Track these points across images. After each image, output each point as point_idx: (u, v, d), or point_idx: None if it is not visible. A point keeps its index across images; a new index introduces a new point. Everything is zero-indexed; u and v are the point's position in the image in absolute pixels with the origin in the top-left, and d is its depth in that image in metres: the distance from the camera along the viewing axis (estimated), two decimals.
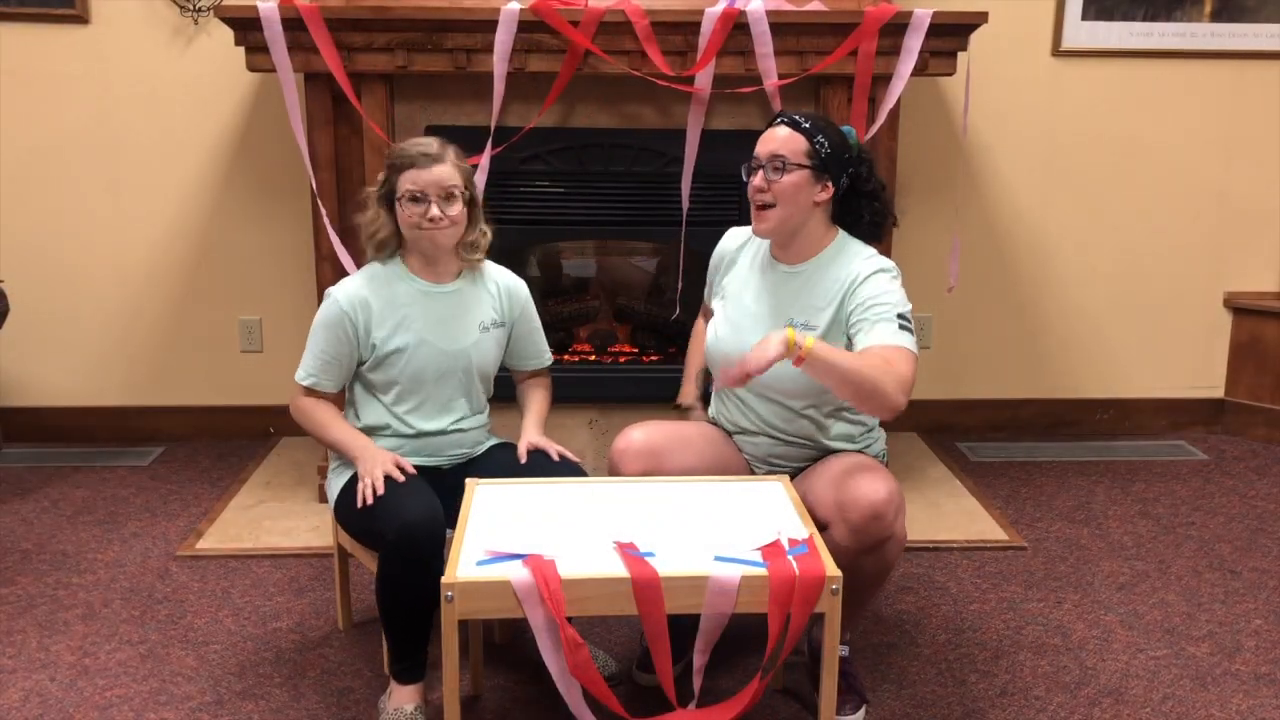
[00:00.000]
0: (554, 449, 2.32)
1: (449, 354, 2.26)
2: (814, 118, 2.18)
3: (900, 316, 2.09)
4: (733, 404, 2.31)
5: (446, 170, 2.20)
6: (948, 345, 3.84)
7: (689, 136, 3.05)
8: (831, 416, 2.23)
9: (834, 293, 2.16)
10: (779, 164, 2.13)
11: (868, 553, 2.04)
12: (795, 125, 2.15)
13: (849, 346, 2.11)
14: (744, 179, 2.20)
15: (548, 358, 2.50)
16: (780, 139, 2.14)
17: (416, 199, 2.18)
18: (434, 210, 2.18)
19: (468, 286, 2.32)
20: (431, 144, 2.22)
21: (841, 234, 2.23)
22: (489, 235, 2.32)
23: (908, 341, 2.06)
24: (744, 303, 2.26)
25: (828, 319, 2.15)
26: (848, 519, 2.02)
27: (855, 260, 2.18)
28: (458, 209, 2.21)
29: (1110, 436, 3.90)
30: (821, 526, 2.06)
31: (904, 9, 2.96)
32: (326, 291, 2.26)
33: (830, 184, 2.16)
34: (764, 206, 2.16)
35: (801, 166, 2.13)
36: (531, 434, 2.37)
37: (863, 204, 2.21)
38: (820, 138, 2.14)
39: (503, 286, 2.38)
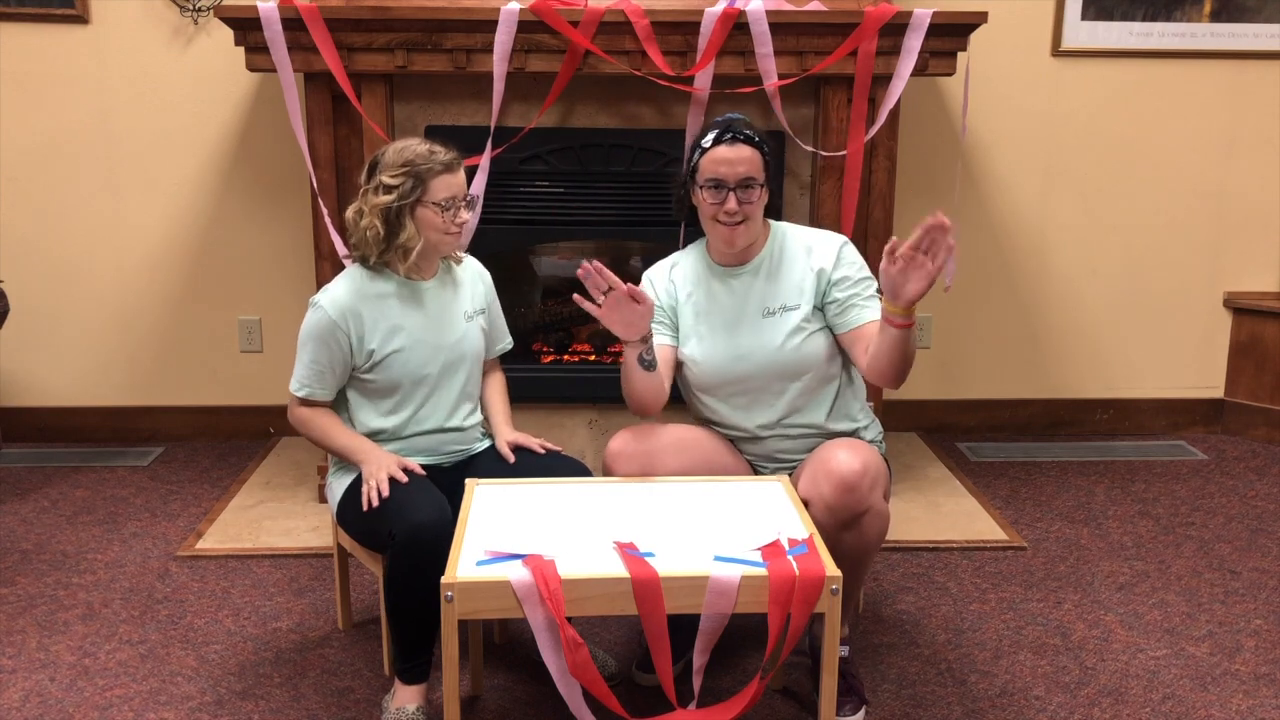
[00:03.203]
0: (535, 443, 2.34)
1: (444, 348, 2.27)
2: (750, 125, 2.22)
3: (878, 290, 2.17)
4: (727, 427, 2.32)
5: (463, 175, 2.23)
6: (948, 345, 3.84)
7: (689, 137, 3.05)
8: (822, 390, 2.27)
9: (802, 274, 2.25)
10: (751, 183, 2.17)
11: (846, 528, 2.06)
12: (751, 141, 2.19)
13: (836, 322, 2.23)
14: (701, 196, 2.20)
15: (510, 340, 2.53)
16: (749, 159, 2.18)
17: (449, 205, 2.18)
18: (464, 214, 2.21)
19: (447, 279, 2.33)
20: (447, 148, 2.22)
21: (770, 221, 2.32)
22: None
23: None
24: (712, 317, 2.29)
25: (809, 298, 2.24)
26: (822, 493, 2.05)
27: (808, 242, 2.28)
28: (470, 213, 2.25)
29: (1110, 436, 3.90)
30: (804, 506, 2.08)
31: (904, 9, 2.97)
32: (311, 300, 2.23)
33: (770, 183, 2.24)
34: (736, 223, 2.19)
35: (764, 182, 2.20)
36: (508, 433, 2.38)
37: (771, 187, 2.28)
38: (765, 146, 2.21)
39: (474, 273, 2.41)
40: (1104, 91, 3.67)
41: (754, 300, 2.26)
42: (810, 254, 2.26)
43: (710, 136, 2.21)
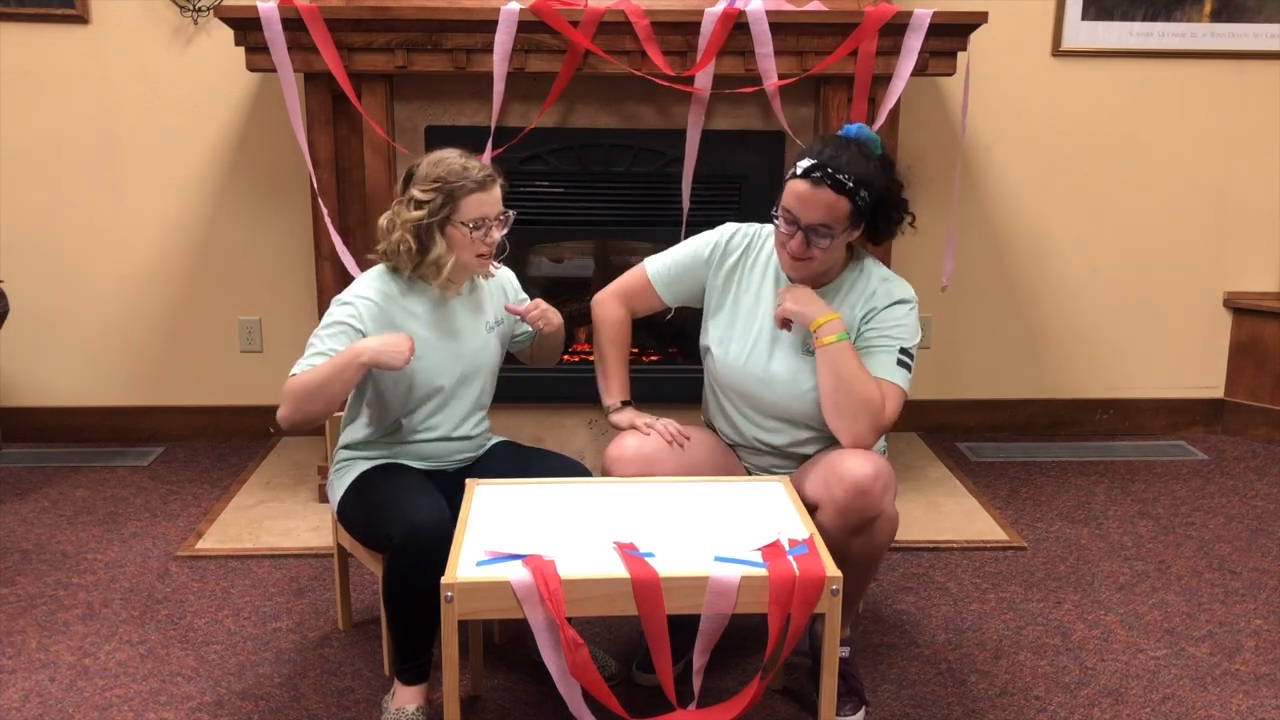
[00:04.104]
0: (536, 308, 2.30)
1: (462, 357, 2.25)
2: (850, 163, 2.03)
3: (903, 351, 2.12)
4: (729, 425, 2.32)
5: (498, 192, 2.17)
6: (948, 345, 3.84)
7: (689, 136, 3.05)
8: (825, 442, 2.23)
9: (852, 319, 2.16)
10: (824, 232, 2.05)
11: (856, 533, 2.05)
12: (841, 188, 2.02)
13: None
14: (773, 221, 2.12)
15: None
16: (826, 206, 2.03)
17: (479, 225, 2.14)
18: (495, 234, 2.15)
19: (475, 286, 2.31)
20: (483, 164, 2.17)
21: (856, 252, 2.22)
22: (506, 248, 2.31)
23: (902, 378, 2.12)
24: (758, 321, 2.22)
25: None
26: (834, 497, 2.03)
27: (876, 287, 2.18)
28: (503, 232, 2.19)
29: (1110, 436, 3.90)
30: (812, 509, 2.08)
31: (904, 9, 2.97)
32: (337, 299, 2.20)
33: (864, 223, 2.11)
34: (804, 259, 2.09)
35: (845, 228, 2.07)
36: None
37: (883, 213, 2.12)
38: (863, 192, 2.04)
39: (501, 281, 2.39)
40: (1104, 91, 3.67)
41: (803, 328, 2.16)
42: (870, 298, 2.16)
43: (803, 164, 2.05)
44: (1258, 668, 2.39)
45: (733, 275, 2.28)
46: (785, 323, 2.15)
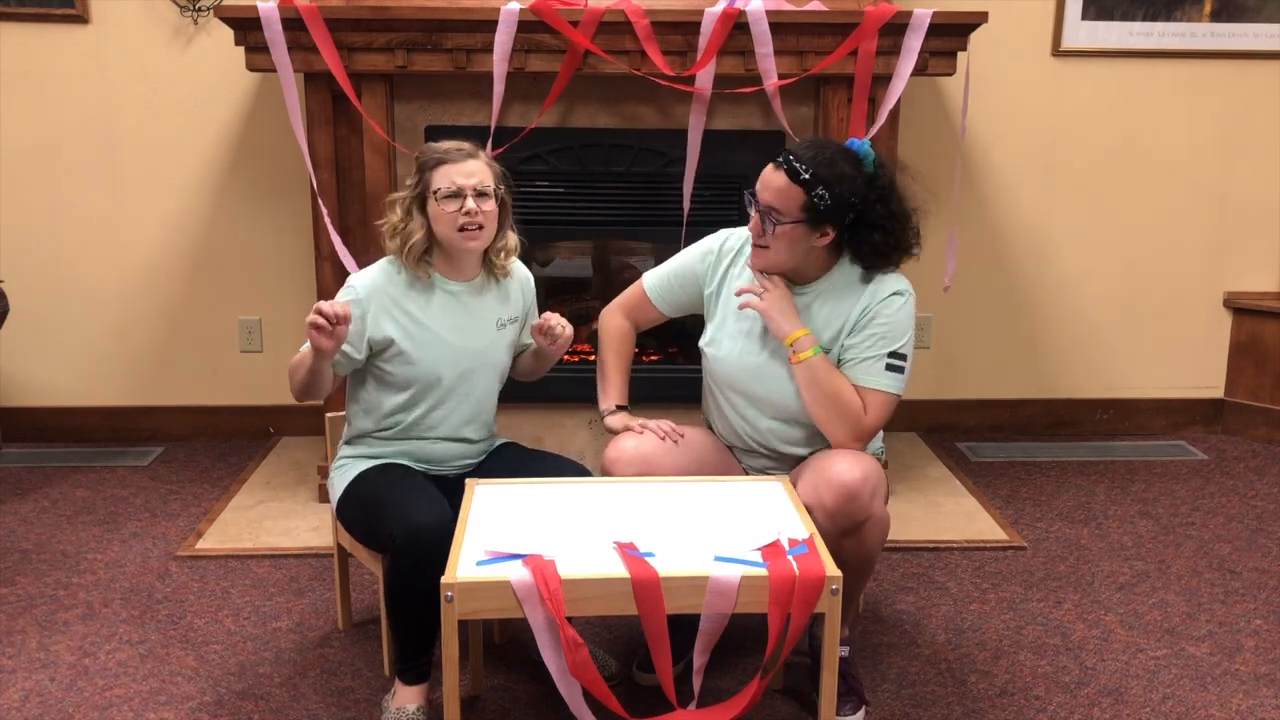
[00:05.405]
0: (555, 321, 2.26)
1: (465, 353, 2.24)
2: (819, 161, 2.05)
3: (892, 355, 2.11)
4: (726, 425, 2.32)
5: (479, 165, 2.18)
6: (948, 345, 3.84)
7: (690, 137, 3.05)
8: (818, 440, 2.23)
9: (841, 318, 2.16)
10: (773, 216, 2.07)
11: (846, 535, 2.05)
12: (795, 176, 2.04)
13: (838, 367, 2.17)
14: (745, 206, 2.15)
15: None
16: (776, 190, 2.05)
17: (452, 195, 2.14)
18: (470, 203, 2.14)
19: (487, 284, 2.30)
20: (463, 142, 2.21)
21: (847, 255, 2.20)
22: (517, 242, 2.30)
23: (889, 383, 2.12)
24: (749, 317, 2.22)
25: (830, 340, 2.17)
26: (822, 500, 2.03)
27: (867, 285, 2.16)
28: (491, 207, 2.18)
29: (1110, 436, 3.90)
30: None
31: (904, 9, 2.97)
32: (348, 281, 2.22)
33: (831, 229, 2.10)
34: (760, 245, 2.13)
35: (796, 221, 2.07)
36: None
37: (866, 234, 2.12)
38: (820, 190, 2.04)
39: (519, 278, 2.38)
40: (1104, 91, 3.67)
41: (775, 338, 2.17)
42: (861, 295, 2.15)
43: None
44: (1258, 668, 2.39)
45: (726, 276, 2.30)
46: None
